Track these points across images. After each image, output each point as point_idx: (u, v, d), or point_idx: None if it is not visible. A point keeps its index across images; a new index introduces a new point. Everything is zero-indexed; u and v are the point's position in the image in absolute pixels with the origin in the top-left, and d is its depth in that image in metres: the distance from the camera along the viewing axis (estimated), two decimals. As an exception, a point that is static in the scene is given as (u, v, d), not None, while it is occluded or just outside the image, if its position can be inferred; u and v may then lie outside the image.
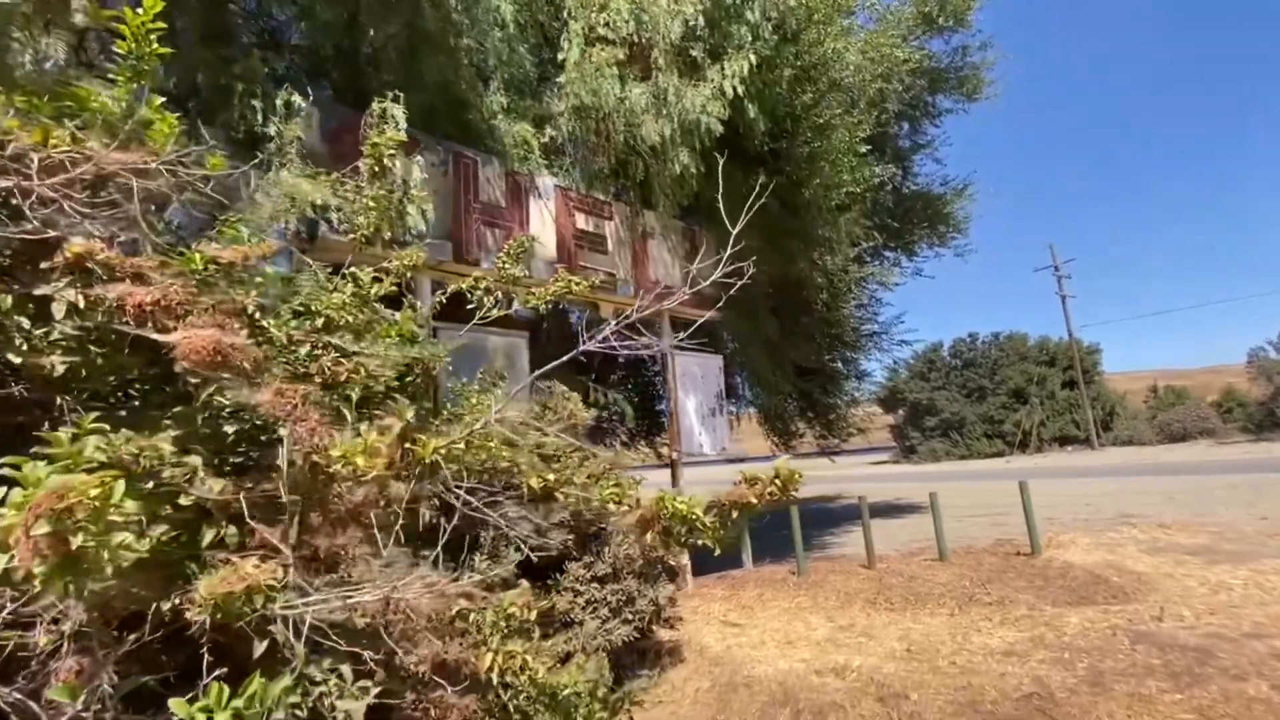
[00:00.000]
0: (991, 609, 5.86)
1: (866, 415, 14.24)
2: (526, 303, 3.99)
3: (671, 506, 2.09)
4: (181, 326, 1.69)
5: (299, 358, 2.98)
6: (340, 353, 2.93)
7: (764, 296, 9.81)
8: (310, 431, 1.72)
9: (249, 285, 2.34)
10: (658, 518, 2.11)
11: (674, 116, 6.46)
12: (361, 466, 1.69)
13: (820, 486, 24.04)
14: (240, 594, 1.48)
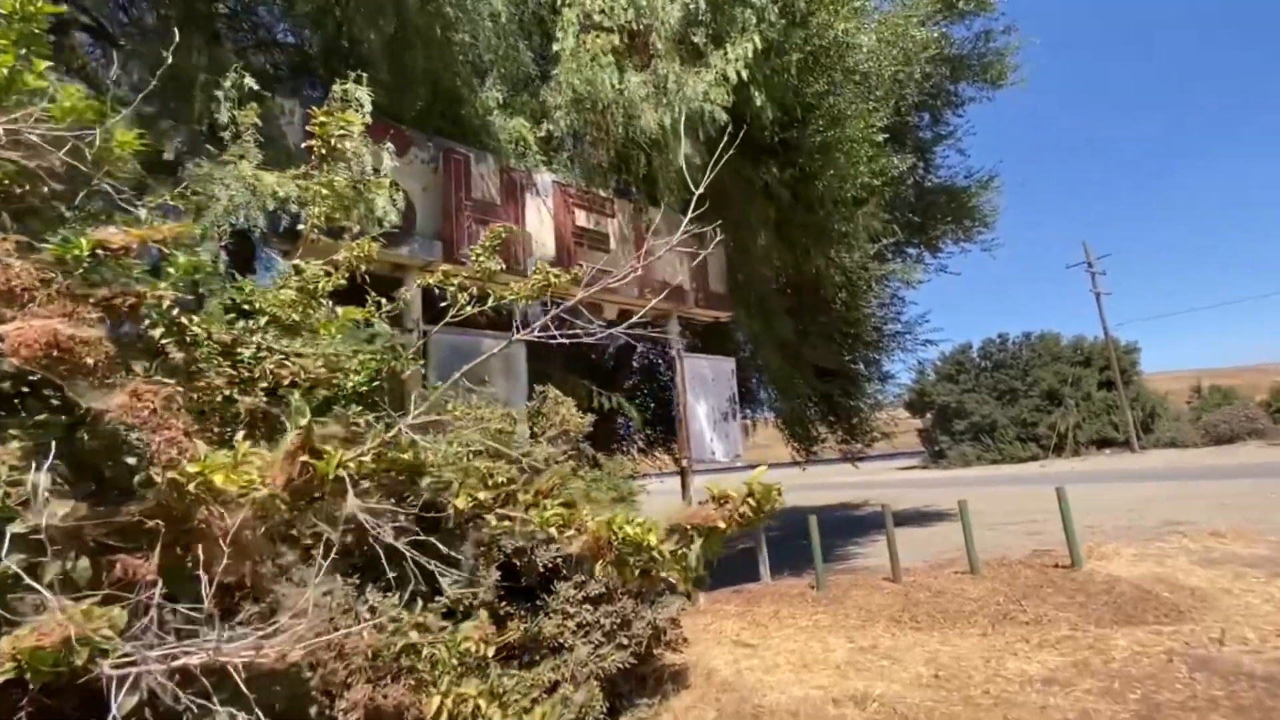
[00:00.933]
0: (1028, 629, 5.36)
1: (891, 419, 13.67)
2: (502, 299, 3.65)
3: (622, 531, 1.74)
4: (22, 316, 1.40)
5: (242, 360, 2.70)
6: (286, 354, 2.63)
7: (778, 295, 9.40)
8: (169, 443, 1.41)
9: (152, 276, 2.05)
10: (608, 544, 1.76)
11: (674, 105, 6.13)
12: (222, 485, 1.38)
13: (844, 493, 23.37)
14: (57, 648, 1.16)
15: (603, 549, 1.74)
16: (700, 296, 7.83)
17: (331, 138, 2.79)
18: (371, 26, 5.41)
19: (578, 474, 4.69)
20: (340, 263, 2.89)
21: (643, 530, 1.69)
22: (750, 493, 1.67)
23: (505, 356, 6.10)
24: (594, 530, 1.74)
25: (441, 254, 5.63)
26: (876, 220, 9.16)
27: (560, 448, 4.67)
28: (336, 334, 2.63)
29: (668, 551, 1.67)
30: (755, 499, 1.66)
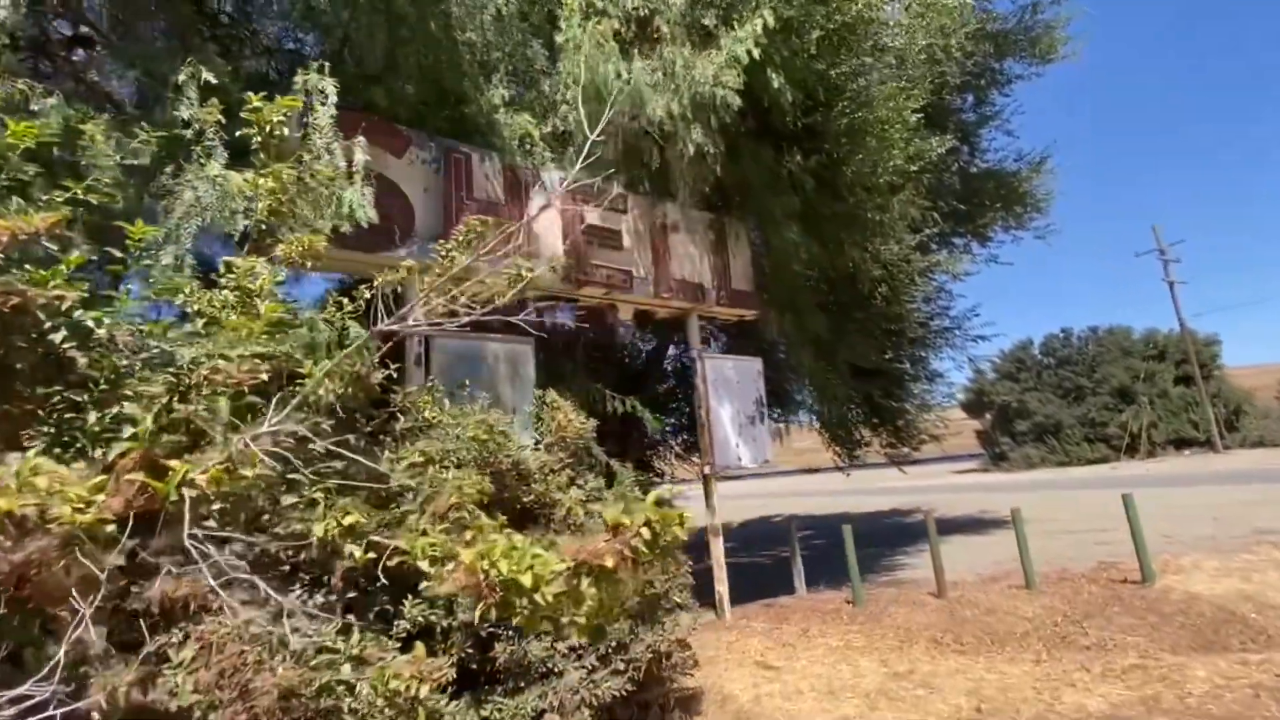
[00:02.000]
0: (1090, 654, 4.75)
1: (941, 420, 12.85)
2: (475, 295, 3.40)
3: (502, 570, 1.40)
4: None
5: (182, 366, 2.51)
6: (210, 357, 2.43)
7: (809, 290, 8.89)
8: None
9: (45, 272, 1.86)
10: (491, 585, 1.43)
11: (682, 91, 5.79)
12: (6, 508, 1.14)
13: (897, 498, 22.35)
14: None
15: (483, 589, 1.41)
16: (723, 294, 7.44)
17: (269, 124, 2.59)
18: (367, 25, 5.29)
19: (575, 483, 4.40)
20: (282, 257, 2.68)
21: (517, 566, 1.36)
22: (647, 521, 1.33)
23: (511, 360, 5.89)
24: (469, 564, 1.42)
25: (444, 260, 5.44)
26: (914, 208, 8.57)
27: (556, 455, 4.39)
28: (260, 334, 2.41)
29: (551, 596, 1.33)
30: (652, 529, 1.31)
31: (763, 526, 19.40)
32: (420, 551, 1.54)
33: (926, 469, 34.76)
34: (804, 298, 8.69)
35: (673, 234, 7.20)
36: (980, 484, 27.35)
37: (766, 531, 17.69)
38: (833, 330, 9.75)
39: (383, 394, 3.57)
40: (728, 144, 7.14)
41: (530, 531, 3.88)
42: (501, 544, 1.43)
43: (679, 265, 7.17)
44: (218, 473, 1.54)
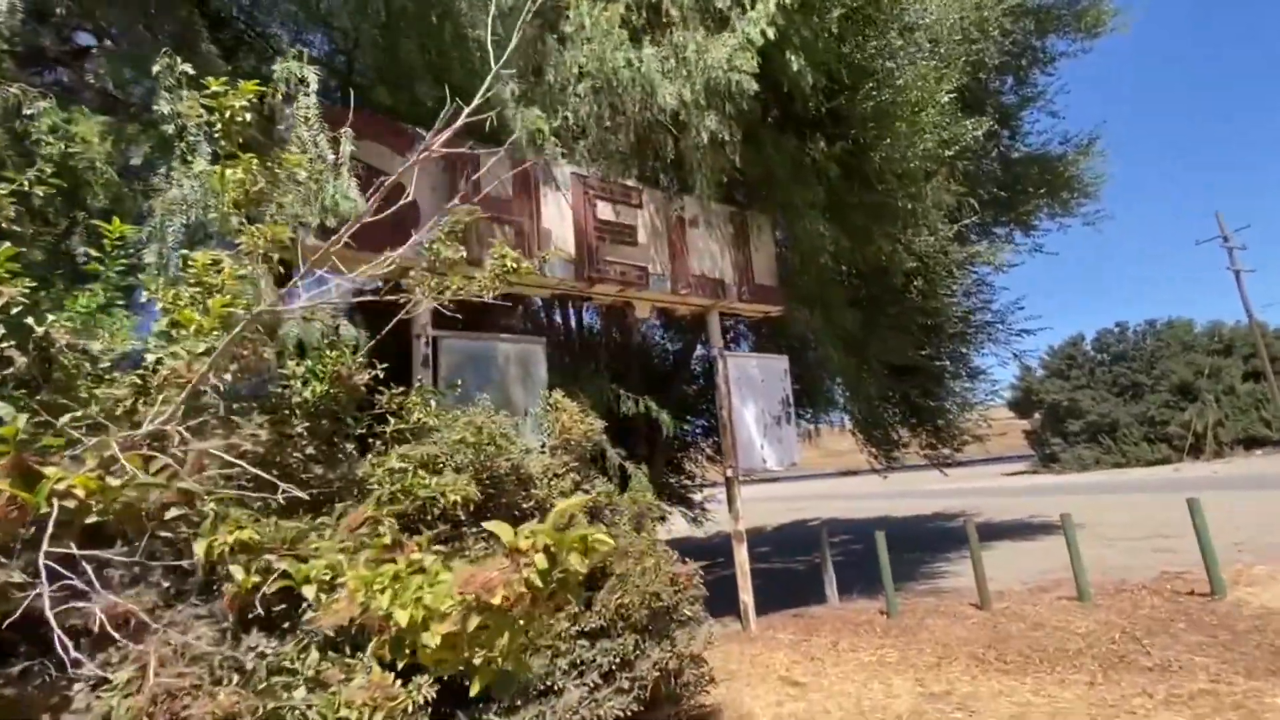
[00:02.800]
0: (1152, 677, 4.29)
1: (984, 419, 12.21)
2: (459, 291, 3.21)
3: (383, 602, 1.16)
4: None
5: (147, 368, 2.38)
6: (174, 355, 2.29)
7: (837, 284, 8.51)
8: None
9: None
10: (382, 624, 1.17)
11: (695, 77, 5.53)
12: None
13: (939, 501, 21.52)
14: None
15: (373, 622, 1.17)
16: (744, 290, 7.13)
17: (229, 110, 2.45)
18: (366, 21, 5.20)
19: (581, 488, 4.17)
20: (247, 252, 2.53)
21: (399, 598, 1.12)
22: (544, 546, 1.07)
23: (521, 361, 5.71)
24: (352, 590, 1.19)
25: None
26: (950, 195, 8.11)
27: (561, 458, 4.17)
28: (210, 330, 2.26)
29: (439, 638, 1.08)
30: (551, 555, 1.05)
31: (798, 530, 18.87)
32: (305, 575, 1.32)
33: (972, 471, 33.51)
34: (833, 292, 8.31)
35: (691, 228, 6.93)
36: (1030, 486, 26.14)
37: (802, 535, 17.18)
38: (864, 326, 9.33)
39: (371, 395, 3.41)
40: (746, 132, 6.84)
41: (529, 540, 3.66)
42: (396, 568, 1.19)
43: (698, 261, 6.90)
44: (86, 480, 1.37)
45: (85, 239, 3.57)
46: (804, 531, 17.86)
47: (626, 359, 10.98)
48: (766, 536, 18.58)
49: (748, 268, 7.22)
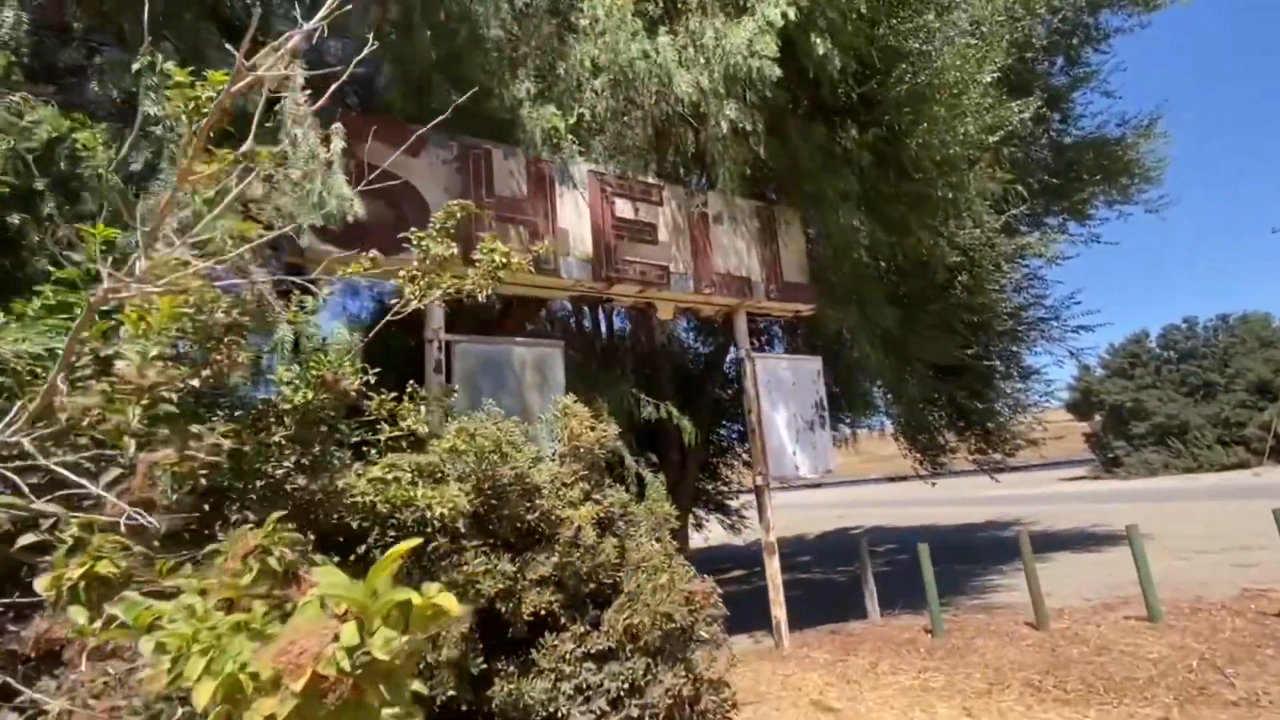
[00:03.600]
0: (1238, 714, 3.79)
1: (1038, 422, 11.48)
2: (448, 289, 3.02)
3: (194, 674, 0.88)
4: None
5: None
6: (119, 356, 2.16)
7: (874, 280, 8.08)
8: None
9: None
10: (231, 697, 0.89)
11: (714, 64, 5.27)
12: None
13: (993, 509, 20.50)
14: None
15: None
16: (772, 288, 6.80)
17: (194, 102, 2.32)
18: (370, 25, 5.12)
19: (592, 497, 3.94)
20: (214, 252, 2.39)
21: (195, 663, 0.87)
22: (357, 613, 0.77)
23: (538, 365, 5.53)
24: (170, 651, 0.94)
25: (461, 256, 5.16)
26: (995, 183, 7.60)
27: (570, 466, 3.95)
28: (160, 331, 2.11)
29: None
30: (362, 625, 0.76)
31: (842, 539, 18.23)
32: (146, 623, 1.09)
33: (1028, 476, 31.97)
34: (869, 288, 7.89)
35: (715, 225, 6.65)
36: (1091, 493, 24.71)
37: (845, 544, 16.56)
38: (904, 324, 8.86)
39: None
40: (772, 122, 6.53)
41: (534, 554, 3.46)
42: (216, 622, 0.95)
43: (723, 259, 6.61)
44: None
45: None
46: (848, 540, 17.22)
47: (657, 363, 10.74)
48: (808, 544, 18.01)
49: (776, 265, 6.89)
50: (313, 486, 2.66)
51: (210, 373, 2.46)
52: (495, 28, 6.15)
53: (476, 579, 3.22)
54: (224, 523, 2.54)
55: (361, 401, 3.04)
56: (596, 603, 3.52)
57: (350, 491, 2.60)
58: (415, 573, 3.36)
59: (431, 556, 3.34)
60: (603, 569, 3.49)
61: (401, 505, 2.64)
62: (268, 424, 2.78)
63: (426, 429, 3.05)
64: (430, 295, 2.96)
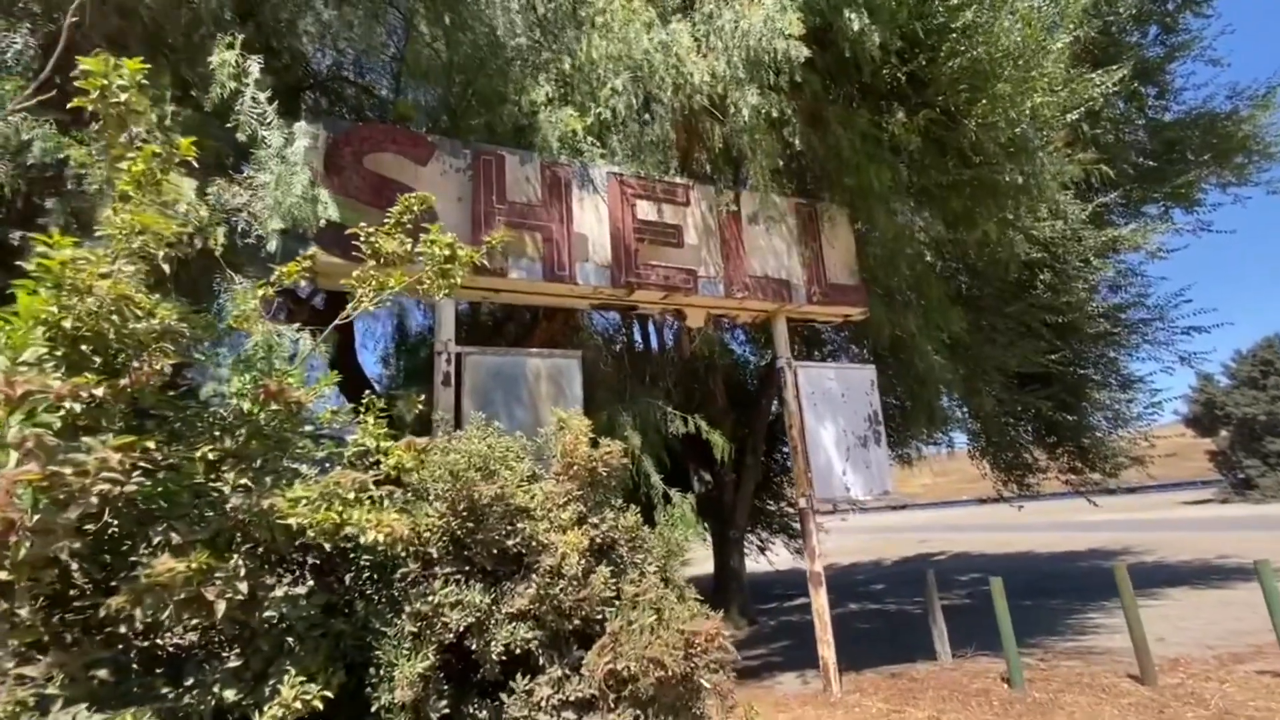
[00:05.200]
0: None
1: (1145, 437, 10.11)
2: (398, 287, 2.74)
3: None
4: None
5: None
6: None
7: (936, 279, 7.32)
8: None
9: None
10: None
11: (733, 49, 4.87)
12: None
13: (1098, 535, 18.45)
14: None
15: None
16: (815, 290, 6.22)
17: (101, 88, 2.16)
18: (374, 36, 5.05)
19: (588, 521, 3.54)
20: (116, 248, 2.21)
21: None
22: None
23: (553, 377, 5.22)
24: None
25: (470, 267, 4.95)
26: (1073, 163, 6.73)
27: (565, 485, 3.58)
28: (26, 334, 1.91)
29: None
30: None
31: (921, 566, 16.84)
32: None
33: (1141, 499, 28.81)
34: (931, 288, 7.14)
35: (749, 225, 6.17)
36: (1219, 518, 21.82)
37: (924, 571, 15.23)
38: (975, 328, 8.00)
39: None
40: (808, 110, 6.04)
41: (511, 586, 3.09)
42: None
43: (758, 260, 6.12)
44: None
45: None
46: (929, 568, 15.88)
47: (705, 376, 10.26)
48: (883, 571, 16.76)
49: (818, 266, 6.31)
50: (243, 506, 2.42)
51: (127, 382, 2.27)
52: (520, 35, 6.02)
53: (443, 610, 2.89)
54: (148, 544, 2.34)
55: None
56: (582, 642, 3.10)
57: (272, 514, 2.34)
58: (382, 600, 3.08)
59: (400, 584, 3.05)
60: (589, 603, 3.08)
61: (332, 529, 2.36)
62: (210, 437, 2.58)
63: (375, 443, 2.77)
64: (380, 297, 2.69)
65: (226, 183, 3.45)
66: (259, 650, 2.62)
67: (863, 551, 21.70)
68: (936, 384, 7.65)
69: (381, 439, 2.73)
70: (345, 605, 3.03)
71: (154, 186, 2.35)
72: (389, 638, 2.82)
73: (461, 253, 2.70)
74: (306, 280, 3.31)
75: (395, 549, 2.58)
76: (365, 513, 2.40)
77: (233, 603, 2.41)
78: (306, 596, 2.81)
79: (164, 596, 2.08)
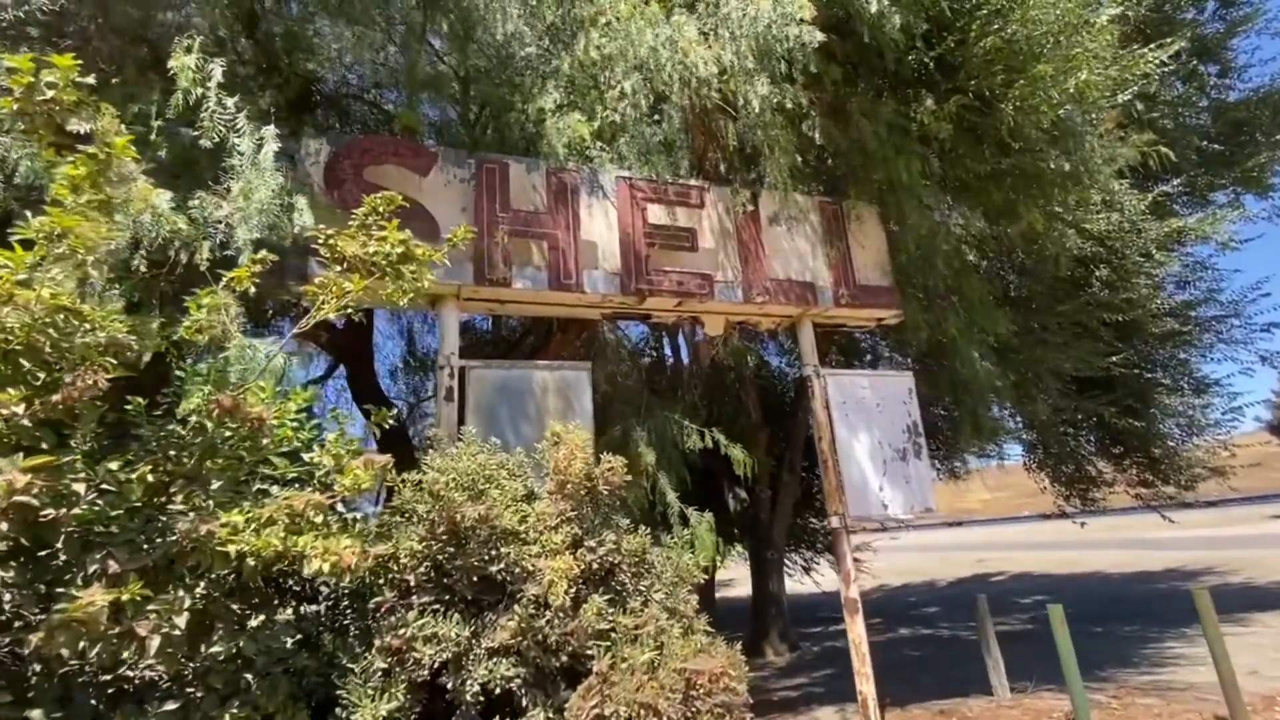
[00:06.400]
0: None
1: (1225, 445, 9.21)
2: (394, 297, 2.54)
3: None
4: None
5: None
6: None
7: (979, 277, 6.81)
8: None
9: None
10: None
11: (740, 38, 4.60)
12: None
13: (1177, 553, 17.02)
14: None
15: None
16: (843, 292, 5.82)
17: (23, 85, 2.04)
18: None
19: (583, 544, 3.26)
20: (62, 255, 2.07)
21: None
22: None
23: (561, 390, 4.98)
24: None
25: (472, 276, 4.80)
26: (1130, 148, 6.17)
27: (558, 505, 3.30)
28: None
29: None
30: None
31: (980, 587, 15.83)
32: None
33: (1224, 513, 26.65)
34: (972, 288, 6.62)
35: (770, 226, 5.84)
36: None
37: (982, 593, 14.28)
38: (1025, 329, 7.42)
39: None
40: (828, 102, 5.71)
41: (494, 618, 2.83)
42: None
43: (780, 263, 5.77)
44: None
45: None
46: (986, 589, 14.88)
47: (734, 388, 9.88)
48: (937, 593, 15.82)
49: (845, 266, 5.92)
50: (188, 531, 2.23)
51: (59, 398, 2.12)
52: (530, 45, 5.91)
53: (415, 644, 2.64)
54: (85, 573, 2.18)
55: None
56: (571, 680, 2.80)
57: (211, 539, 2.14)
58: (356, 632, 2.86)
59: (375, 614, 2.83)
60: (577, 636, 2.78)
61: (273, 558, 2.14)
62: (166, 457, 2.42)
63: (334, 461, 2.56)
64: (342, 304, 2.49)
65: (209, 195, 3.36)
66: (211, 689, 2.41)
67: (915, 572, 20.63)
68: (982, 391, 7.08)
69: (341, 457, 2.51)
70: (315, 638, 2.82)
71: (94, 191, 2.21)
72: (355, 674, 2.58)
73: (418, 251, 2.48)
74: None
75: (344, 580, 2.34)
76: (312, 539, 2.18)
77: (171, 638, 2.21)
78: (266, 628, 2.60)
79: (80, 633, 1.88)
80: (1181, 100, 8.39)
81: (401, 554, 2.90)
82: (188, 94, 2.83)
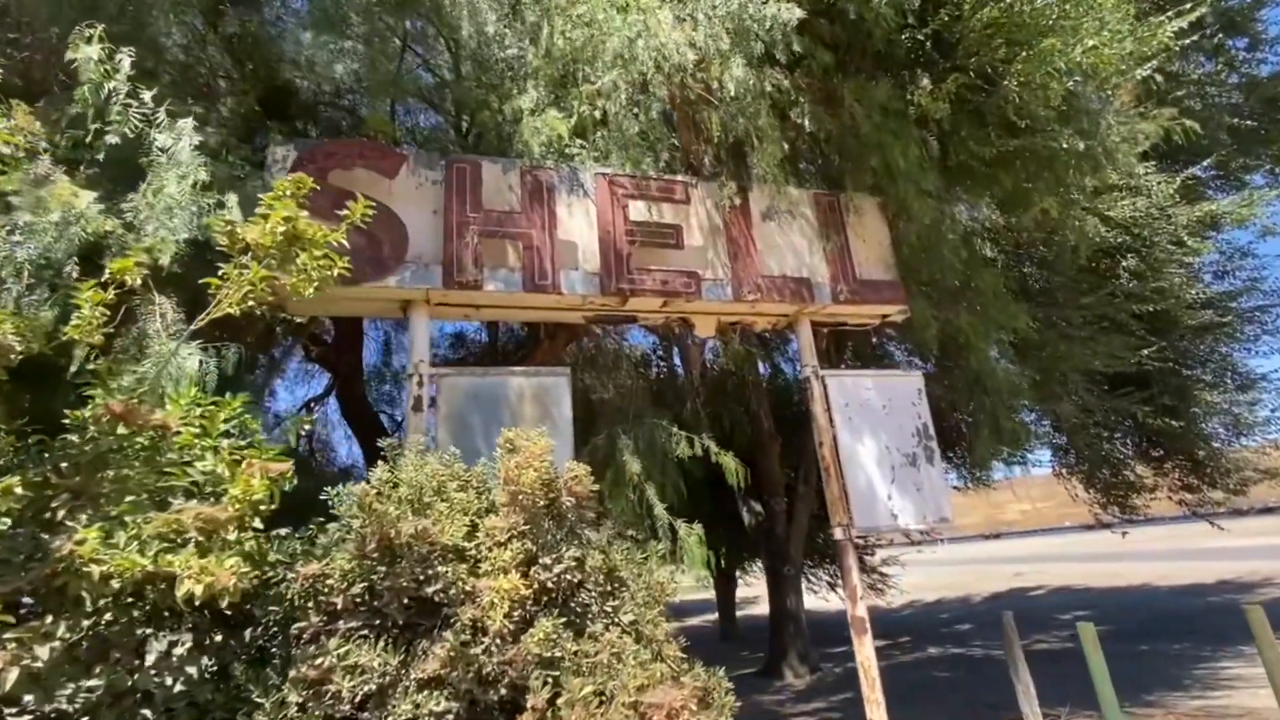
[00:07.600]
0: None
1: (1273, 446, 8.52)
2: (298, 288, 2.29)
3: None
4: None
5: None
6: None
7: (991, 269, 6.38)
8: None
9: None
10: None
11: (714, 18, 4.34)
12: None
13: (1229, 564, 15.95)
14: None
15: None
16: (841, 288, 5.46)
17: None
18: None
19: (538, 562, 2.95)
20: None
21: None
22: None
23: (539, 398, 4.70)
24: None
25: (441, 279, 4.57)
26: (1148, 122, 5.74)
27: (510, 518, 3.01)
28: None
29: None
30: None
31: (1016, 602, 15.00)
32: None
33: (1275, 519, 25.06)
34: (984, 280, 6.20)
35: (762, 221, 5.53)
36: (1385, 540, 18.50)
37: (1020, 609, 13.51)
38: (1046, 324, 6.95)
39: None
40: (818, 88, 5.41)
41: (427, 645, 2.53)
42: None
43: (774, 259, 5.45)
44: None
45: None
46: (1023, 604, 14.09)
47: (742, 395, 9.51)
48: (971, 610, 15.04)
49: (844, 260, 5.56)
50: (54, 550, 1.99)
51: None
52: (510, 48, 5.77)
53: (333, 675, 2.36)
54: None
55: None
56: (511, 716, 2.48)
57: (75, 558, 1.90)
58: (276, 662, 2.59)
59: (294, 641, 2.56)
60: (515, 666, 2.47)
61: (142, 578, 1.89)
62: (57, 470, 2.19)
63: (229, 471, 2.31)
64: (240, 295, 2.25)
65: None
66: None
67: (949, 587, 19.74)
68: (1001, 391, 6.62)
69: (233, 465, 2.26)
70: (228, 668, 2.55)
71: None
72: (264, 710, 2.30)
73: (309, 230, 2.23)
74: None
75: (220, 603, 2.07)
76: (186, 559, 1.92)
77: (31, 671, 1.95)
78: (164, 659, 2.34)
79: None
80: (1209, 78, 7.90)
81: (333, 574, 2.63)
82: (97, 88, 2.65)
